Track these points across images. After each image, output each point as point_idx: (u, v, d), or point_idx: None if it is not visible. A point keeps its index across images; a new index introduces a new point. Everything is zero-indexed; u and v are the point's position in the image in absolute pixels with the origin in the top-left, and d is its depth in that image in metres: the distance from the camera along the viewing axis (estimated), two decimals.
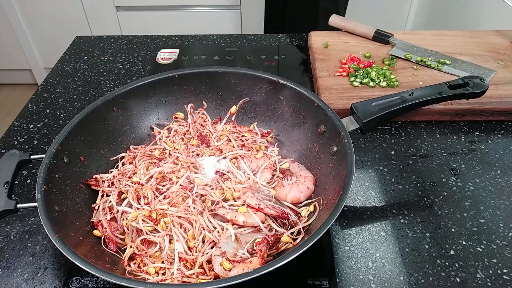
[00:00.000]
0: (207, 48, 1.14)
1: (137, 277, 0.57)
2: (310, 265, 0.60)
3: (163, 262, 0.59)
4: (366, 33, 1.06)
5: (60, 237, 0.52)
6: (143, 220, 0.62)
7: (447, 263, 0.61)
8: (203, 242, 0.60)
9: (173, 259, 0.58)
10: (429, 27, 2.13)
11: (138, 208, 0.63)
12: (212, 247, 0.59)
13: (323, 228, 0.51)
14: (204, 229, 0.60)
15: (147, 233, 0.61)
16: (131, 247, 0.60)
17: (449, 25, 2.08)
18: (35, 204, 0.56)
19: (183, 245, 0.59)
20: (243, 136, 0.77)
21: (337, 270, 0.60)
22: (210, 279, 0.56)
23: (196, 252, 0.59)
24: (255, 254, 0.57)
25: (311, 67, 1.02)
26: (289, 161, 0.73)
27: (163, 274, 0.58)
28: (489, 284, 0.58)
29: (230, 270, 0.55)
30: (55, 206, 0.59)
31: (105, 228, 0.62)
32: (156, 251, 0.60)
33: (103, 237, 0.62)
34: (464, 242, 0.63)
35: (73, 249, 0.52)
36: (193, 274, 0.56)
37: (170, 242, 0.60)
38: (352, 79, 0.92)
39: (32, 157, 0.67)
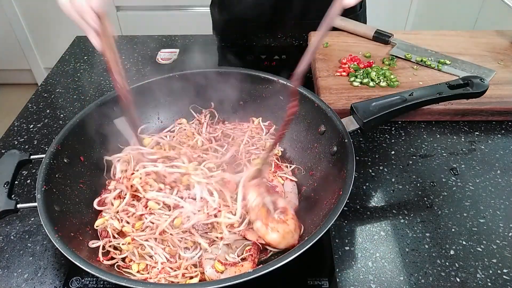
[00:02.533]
0: (207, 48, 1.14)
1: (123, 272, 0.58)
2: (310, 265, 0.60)
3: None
4: (366, 33, 1.06)
5: (60, 237, 0.52)
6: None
7: (447, 263, 0.61)
8: (187, 248, 0.60)
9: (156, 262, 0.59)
10: (429, 27, 2.13)
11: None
12: (198, 252, 0.59)
13: (323, 228, 0.51)
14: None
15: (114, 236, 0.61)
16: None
17: (449, 25, 2.08)
18: (35, 204, 0.56)
19: (164, 255, 0.59)
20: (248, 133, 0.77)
21: (337, 270, 0.60)
22: (196, 275, 0.57)
23: (179, 259, 0.59)
24: (246, 259, 0.57)
25: (311, 67, 1.02)
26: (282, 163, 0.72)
27: (148, 272, 0.58)
28: (489, 284, 0.58)
29: (222, 272, 0.55)
30: (55, 206, 0.59)
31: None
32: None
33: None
34: (464, 242, 0.63)
35: (73, 249, 0.52)
36: (178, 275, 0.57)
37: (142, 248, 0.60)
38: (352, 79, 0.92)
39: (32, 157, 0.67)
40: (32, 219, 0.69)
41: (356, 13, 1.21)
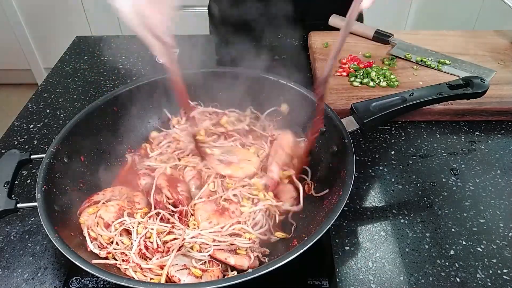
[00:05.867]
0: (207, 48, 1.14)
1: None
2: (310, 265, 0.60)
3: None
4: (366, 33, 1.06)
5: (60, 237, 0.52)
6: None
7: (447, 263, 0.61)
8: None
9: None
10: (429, 27, 2.13)
11: None
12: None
13: (323, 228, 0.51)
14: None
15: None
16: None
17: (449, 25, 2.08)
18: (35, 204, 0.56)
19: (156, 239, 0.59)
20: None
21: (337, 270, 0.60)
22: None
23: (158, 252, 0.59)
24: (212, 266, 0.57)
25: (311, 67, 1.02)
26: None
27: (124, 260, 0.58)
28: (489, 284, 0.58)
29: (201, 277, 0.55)
30: (55, 206, 0.59)
31: None
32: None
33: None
34: (464, 242, 0.63)
35: (73, 249, 0.52)
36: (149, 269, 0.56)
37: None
38: (352, 79, 0.92)
39: (32, 157, 0.67)
40: (32, 219, 0.69)
41: None
